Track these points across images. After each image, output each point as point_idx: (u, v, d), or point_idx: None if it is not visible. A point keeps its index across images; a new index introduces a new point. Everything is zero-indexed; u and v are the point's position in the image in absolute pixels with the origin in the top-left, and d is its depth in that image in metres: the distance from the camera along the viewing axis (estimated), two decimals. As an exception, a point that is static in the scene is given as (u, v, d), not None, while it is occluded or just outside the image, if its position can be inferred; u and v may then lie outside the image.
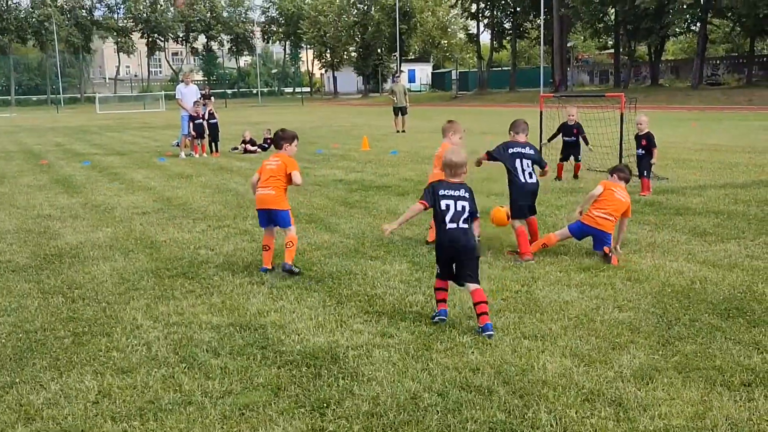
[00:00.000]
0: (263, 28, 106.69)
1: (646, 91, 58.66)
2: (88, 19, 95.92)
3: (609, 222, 7.64)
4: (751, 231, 8.63)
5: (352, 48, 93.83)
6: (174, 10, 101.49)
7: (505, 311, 5.92)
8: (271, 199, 7.38)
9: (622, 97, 13.13)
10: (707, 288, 6.38)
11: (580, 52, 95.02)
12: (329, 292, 6.57)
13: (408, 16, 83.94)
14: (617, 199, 7.70)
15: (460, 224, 5.76)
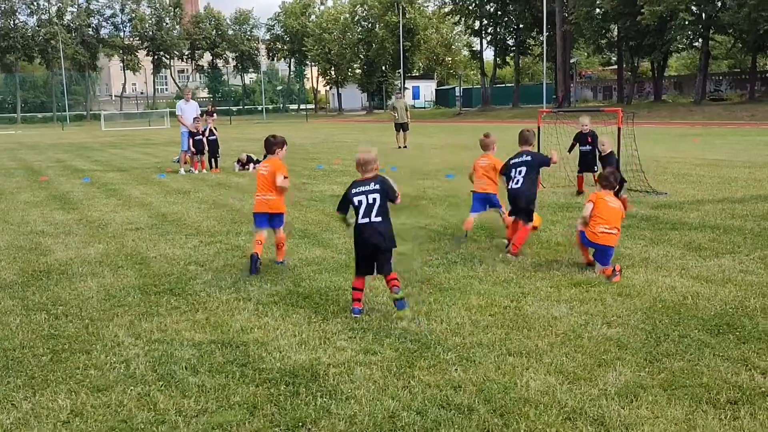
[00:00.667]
0: (268, 46, 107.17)
1: (648, 107, 58.68)
2: (94, 37, 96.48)
3: (612, 236, 7.48)
4: (746, 246, 8.53)
5: (356, 65, 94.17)
6: (179, 28, 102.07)
7: (492, 327, 5.83)
8: (274, 203, 8.02)
9: (619, 112, 13.04)
10: (698, 303, 6.28)
11: (584, 69, 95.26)
12: (316, 308, 6.49)
13: (412, 34, 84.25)
14: (611, 208, 7.54)
15: (372, 218, 6.28)
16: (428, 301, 6.60)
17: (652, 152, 22.08)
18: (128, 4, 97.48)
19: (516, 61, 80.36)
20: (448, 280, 7.34)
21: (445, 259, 8.24)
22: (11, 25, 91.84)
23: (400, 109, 28.91)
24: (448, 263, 8.06)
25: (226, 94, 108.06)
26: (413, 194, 13.88)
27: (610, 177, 7.86)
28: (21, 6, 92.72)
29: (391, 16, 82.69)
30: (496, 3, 76.66)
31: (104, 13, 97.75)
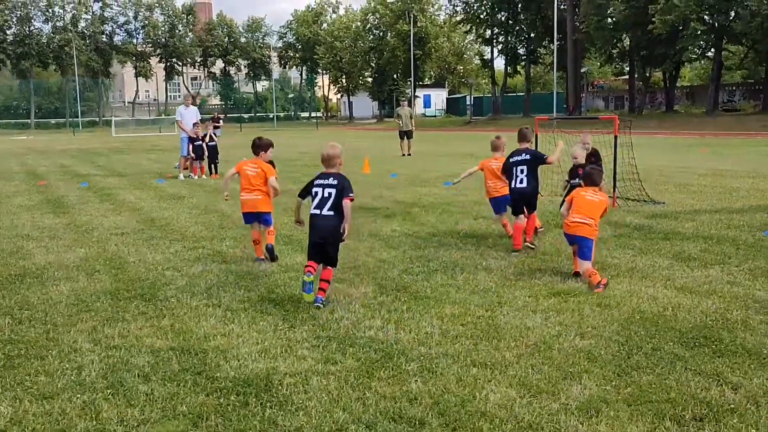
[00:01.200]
0: (280, 53, 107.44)
1: (660, 117, 58.38)
2: (107, 44, 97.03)
3: (586, 226, 7.30)
4: (738, 256, 8.31)
5: (367, 73, 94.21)
6: (192, 35, 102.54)
7: (461, 337, 5.64)
8: (260, 203, 8.43)
9: (615, 120, 12.83)
10: (678, 315, 6.08)
11: (596, 78, 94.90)
12: (285, 315, 6.33)
13: (423, 42, 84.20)
14: (589, 201, 7.41)
15: (323, 211, 6.64)
16: (401, 309, 6.42)
17: (657, 162, 21.88)
18: (141, 11, 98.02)
19: (527, 70, 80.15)
20: (426, 288, 7.16)
21: (426, 267, 8.07)
22: (27, 31, 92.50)
23: (404, 116, 28.78)
24: (429, 271, 7.89)
25: (238, 102, 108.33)
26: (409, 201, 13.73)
27: (593, 175, 7.69)
28: (36, 13, 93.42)
29: (402, 24, 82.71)
30: (507, 12, 76.58)
31: (118, 20, 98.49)
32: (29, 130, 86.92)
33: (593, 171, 7.78)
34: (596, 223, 7.41)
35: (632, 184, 13.56)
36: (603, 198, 7.58)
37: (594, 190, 7.60)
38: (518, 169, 8.96)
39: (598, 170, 7.88)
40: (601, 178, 7.76)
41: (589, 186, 7.65)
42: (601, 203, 7.49)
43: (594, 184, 7.64)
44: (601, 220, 7.58)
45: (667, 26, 51.63)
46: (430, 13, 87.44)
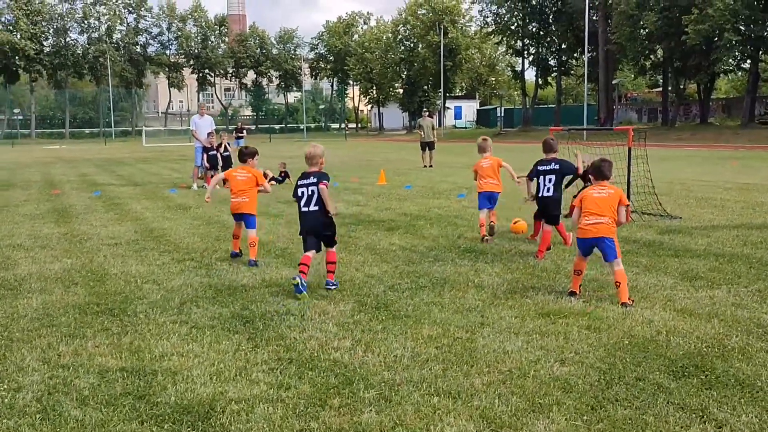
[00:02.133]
0: (311, 65, 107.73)
1: (693, 129, 57.28)
2: (141, 55, 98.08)
3: (602, 225, 6.88)
4: (749, 276, 7.79)
5: (397, 84, 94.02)
6: (224, 46, 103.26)
7: (432, 361, 5.24)
8: (245, 205, 9.11)
9: (630, 132, 12.33)
10: (672, 341, 5.61)
11: (630, 90, 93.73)
12: (252, 334, 5.98)
13: (453, 53, 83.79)
14: (597, 198, 6.97)
15: (311, 207, 7.41)
16: (376, 329, 6.04)
17: (682, 175, 21.27)
18: (175, 22, 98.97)
19: (558, 82, 79.31)
20: (408, 306, 6.77)
21: (415, 284, 7.67)
22: (63, 43, 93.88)
23: (426, 127, 28.39)
24: (416, 288, 7.49)
25: (269, 113, 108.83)
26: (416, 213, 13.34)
27: (603, 168, 7.17)
28: (72, 25, 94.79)
29: (433, 35, 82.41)
30: (538, 23, 75.93)
31: (152, 31, 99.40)
32: (63, 139, 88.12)
33: (603, 163, 7.23)
34: (613, 220, 6.94)
35: (649, 198, 13.00)
36: (612, 191, 7.02)
37: (602, 185, 7.10)
38: (546, 178, 9.16)
39: (608, 162, 7.31)
40: (611, 171, 7.23)
41: (599, 180, 7.15)
42: (612, 197, 6.96)
43: (604, 178, 7.13)
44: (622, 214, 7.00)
45: (700, 37, 50.63)
46: (461, 24, 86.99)
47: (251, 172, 9.28)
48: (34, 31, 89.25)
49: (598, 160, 7.46)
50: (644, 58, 62.91)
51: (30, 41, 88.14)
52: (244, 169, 9.35)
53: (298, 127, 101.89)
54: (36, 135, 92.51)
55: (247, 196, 9.15)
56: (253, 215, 9.16)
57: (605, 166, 7.22)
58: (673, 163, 28.20)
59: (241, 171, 9.35)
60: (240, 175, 9.28)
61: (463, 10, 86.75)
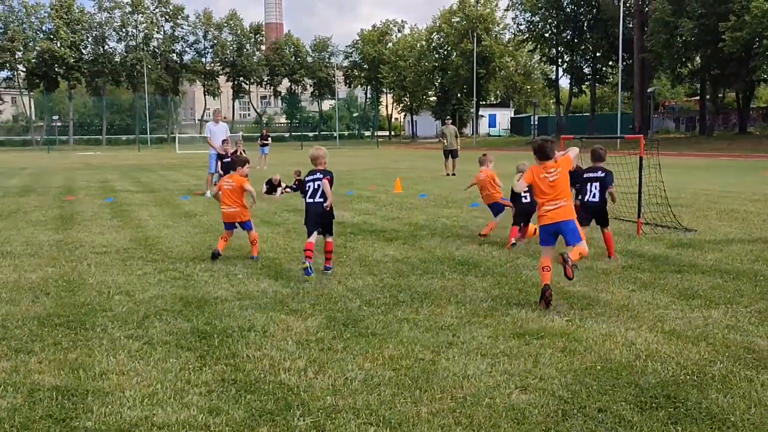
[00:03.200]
0: (346, 73, 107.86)
1: (731, 139, 56.05)
2: (177, 62, 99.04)
3: (562, 209, 6.96)
4: (752, 295, 7.28)
5: (430, 92, 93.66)
6: (259, 54, 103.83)
7: (384, 386, 4.87)
8: (236, 214, 9.53)
9: (641, 140, 11.83)
10: (649, 366, 5.17)
11: (668, 99, 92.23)
12: (205, 352, 5.66)
13: (487, 61, 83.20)
14: (551, 183, 7.00)
15: (316, 198, 8.52)
16: (336, 348, 5.69)
17: (709, 186, 20.62)
18: (211, 30, 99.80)
19: (592, 90, 78.21)
20: (379, 323, 6.40)
21: (394, 298, 7.30)
22: (101, 51, 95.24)
23: (449, 135, 28.06)
24: (394, 303, 7.12)
25: (303, 120, 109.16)
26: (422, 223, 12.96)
27: (545, 148, 7.16)
28: (111, 33, 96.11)
29: (466, 43, 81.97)
30: (572, 30, 75.02)
31: (188, 39, 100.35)
32: (100, 146, 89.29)
33: (545, 143, 7.22)
34: (570, 200, 7.09)
35: (665, 209, 12.48)
36: (560, 168, 7.00)
37: (547, 166, 7.06)
38: (593, 185, 9.54)
39: (549, 141, 7.28)
40: (553, 151, 7.18)
41: (543, 160, 7.13)
42: (563, 175, 6.98)
43: (547, 158, 7.12)
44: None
45: (738, 44, 49.48)
46: (495, 32, 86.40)
47: (235, 180, 9.60)
48: (74, 40, 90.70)
49: (539, 139, 7.47)
50: (680, 66, 61.69)
51: (69, 49, 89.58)
52: (232, 178, 9.70)
53: (331, 134, 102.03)
54: (74, 141, 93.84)
55: (236, 204, 9.55)
56: (247, 221, 9.64)
57: (547, 146, 7.18)
58: (704, 173, 27.44)
59: (229, 180, 9.71)
60: (227, 184, 9.67)
61: (497, 17, 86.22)
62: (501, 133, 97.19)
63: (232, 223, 9.64)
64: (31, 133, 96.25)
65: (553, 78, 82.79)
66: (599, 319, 6.44)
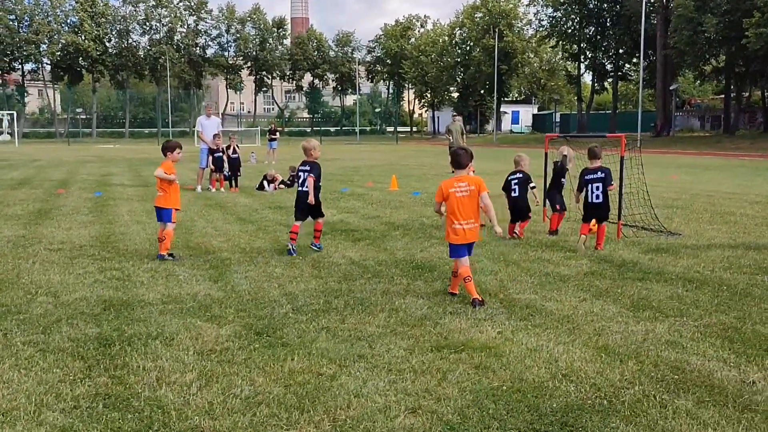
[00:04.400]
0: (368, 68, 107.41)
1: (755, 138, 54.86)
2: (200, 56, 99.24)
3: (476, 230, 7.00)
4: (708, 307, 6.79)
5: (452, 88, 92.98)
6: (282, 48, 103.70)
7: (263, 405, 4.49)
8: (158, 199, 9.45)
9: (622, 139, 11.31)
10: (561, 388, 4.73)
11: (694, 97, 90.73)
12: (97, 362, 5.31)
13: (509, 57, 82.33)
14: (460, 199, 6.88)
15: (303, 188, 9.53)
16: (237, 361, 5.31)
17: (717, 187, 20.02)
18: (234, 24, 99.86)
19: (614, 87, 77.07)
20: (295, 332, 6.02)
21: (327, 305, 6.92)
22: (125, 44, 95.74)
23: (455, 132, 27.51)
24: (324, 310, 6.73)
25: (325, 115, 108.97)
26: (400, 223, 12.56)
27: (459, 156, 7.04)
28: (135, 26, 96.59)
29: (488, 39, 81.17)
30: (595, 26, 73.93)
31: (211, 33, 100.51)
32: (122, 139, 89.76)
33: (459, 151, 7.09)
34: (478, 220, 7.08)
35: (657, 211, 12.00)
36: (473, 187, 6.88)
37: (460, 179, 6.93)
38: (594, 185, 9.92)
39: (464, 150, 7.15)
40: (468, 159, 7.07)
41: (457, 169, 7.04)
42: (473, 194, 6.88)
43: (460, 167, 7.03)
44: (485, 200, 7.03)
45: (762, 41, 48.29)
46: (518, 27, 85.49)
47: (162, 166, 9.35)
48: (98, 33, 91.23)
49: (455, 148, 7.35)
50: (704, 63, 60.48)
51: (94, 42, 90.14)
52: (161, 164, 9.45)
53: (353, 129, 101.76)
54: (97, 134, 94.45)
55: (161, 190, 9.38)
56: (167, 209, 9.33)
57: (462, 155, 7.04)
58: (716, 173, 26.71)
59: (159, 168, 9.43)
60: (156, 171, 9.45)
61: (520, 13, 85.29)
62: (523, 129, 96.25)
63: (156, 209, 9.54)
64: (55, 126, 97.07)
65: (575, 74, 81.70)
66: (534, 332, 6.01)
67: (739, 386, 4.75)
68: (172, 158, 9.52)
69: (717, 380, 4.86)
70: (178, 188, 9.57)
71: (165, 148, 9.67)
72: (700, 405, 4.44)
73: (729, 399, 4.53)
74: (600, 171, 9.93)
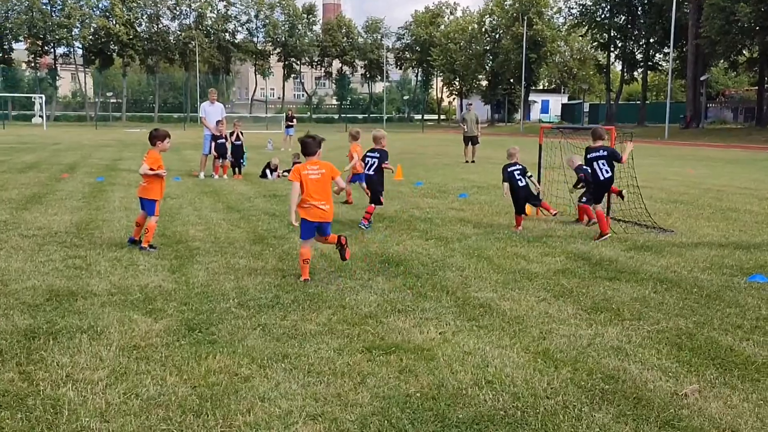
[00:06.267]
0: (397, 55, 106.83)
1: (786, 131, 53.56)
2: (229, 42, 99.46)
3: (328, 211, 7.50)
4: (670, 311, 6.48)
5: (481, 76, 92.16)
6: (311, 34, 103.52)
7: (161, 408, 4.31)
8: (141, 189, 9.25)
9: (612, 131, 10.96)
10: (480, 396, 4.49)
11: (728, 88, 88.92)
12: (14, 356, 5.17)
13: (538, 46, 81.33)
14: (314, 181, 7.37)
15: (371, 171, 10.91)
16: (159, 358, 5.13)
17: (729, 181, 19.46)
18: (263, 9, 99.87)
19: (644, 77, 75.78)
20: (231, 328, 5.84)
21: (275, 301, 6.70)
22: (155, 29, 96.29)
23: (470, 121, 27.21)
24: (270, 305, 6.53)
25: (354, 102, 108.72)
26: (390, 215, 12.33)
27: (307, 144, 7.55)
28: (165, 11, 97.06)
29: (518, 27, 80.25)
30: (626, 15, 72.66)
31: (240, 18, 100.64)
32: (151, 123, 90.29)
33: (306, 141, 7.57)
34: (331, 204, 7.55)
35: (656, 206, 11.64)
36: (324, 170, 7.46)
37: (312, 162, 7.47)
38: (599, 162, 10.13)
39: (312, 138, 7.66)
40: (316, 147, 7.55)
41: (305, 156, 7.59)
42: (325, 177, 7.45)
43: (309, 154, 7.54)
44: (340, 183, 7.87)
45: (795, 31, 47.05)
46: (548, 15, 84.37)
47: (149, 158, 9.11)
48: (129, 17, 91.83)
49: (304, 135, 7.79)
50: (736, 54, 59.14)
51: (124, 27, 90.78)
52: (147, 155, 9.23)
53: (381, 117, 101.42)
54: (126, 118, 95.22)
55: (145, 180, 9.15)
56: (150, 200, 9.11)
57: (310, 142, 7.53)
58: (736, 167, 26.08)
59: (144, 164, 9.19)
60: (141, 168, 9.22)
61: (550, 1, 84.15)
62: (552, 119, 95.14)
63: (139, 199, 9.33)
64: (86, 109, 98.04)
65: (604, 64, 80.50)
66: (476, 333, 5.76)
67: (668, 399, 4.47)
68: (160, 148, 9.24)
69: (648, 391, 4.58)
70: (163, 179, 9.32)
71: (154, 137, 9.29)
72: (619, 419, 4.17)
73: (653, 412, 4.26)
74: (602, 149, 10.21)
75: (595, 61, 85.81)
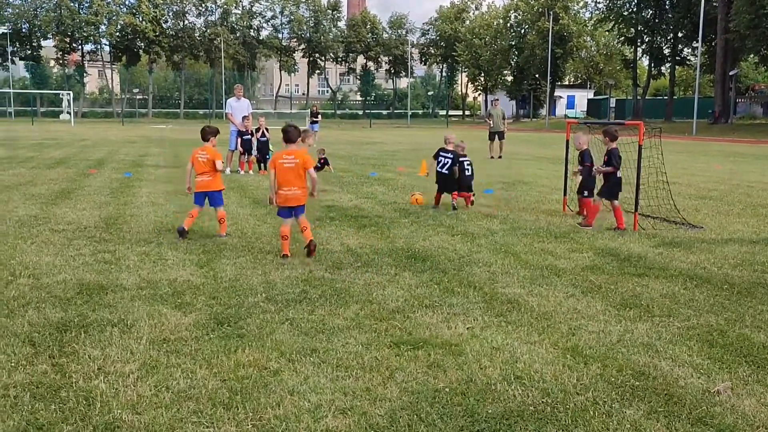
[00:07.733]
0: (422, 51, 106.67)
1: (817, 126, 52.77)
2: (254, 38, 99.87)
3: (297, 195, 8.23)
4: (701, 308, 6.41)
5: (506, 71, 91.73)
6: (335, 30, 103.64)
7: (192, 401, 4.34)
8: (210, 183, 9.51)
9: (641, 126, 10.86)
10: (509, 391, 4.47)
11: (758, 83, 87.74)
12: (46, 348, 5.23)
13: (564, 41, 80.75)
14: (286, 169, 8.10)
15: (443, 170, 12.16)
16: (189, 351, 5.17)
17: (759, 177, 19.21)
18: (288, 5, 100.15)
19: (671, 72, 74.92)
20: (259, 322, 5.85)
21: (303, 295, 6.73)
22: (181, 25, 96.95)
23: (496, 116, 27.14)
24: (298, 300, 6.55)
25: (378, 98, 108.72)
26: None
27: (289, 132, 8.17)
28: (191, 8, 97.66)
29: (543, 22, 79.73)
30: (653, 9, 71.87)
31: (265, 15, 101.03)
32: (177, 119, 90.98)
33: (289, 128, 8.20)
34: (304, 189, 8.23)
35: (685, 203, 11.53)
36: (298, 160, 8.05)
37: (289, 152, 8.09)
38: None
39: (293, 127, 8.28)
40: (297, 135, 8.19)
41: (286, 142, 8.20)
42: (298, 166, 8.07)
43: (289, 141, 8.19)
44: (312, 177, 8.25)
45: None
46: (574, 10, 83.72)
47: (209, 152, 9.49)
48: (155, 14, 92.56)
49: (286, 125, 8.37)
50: (767, 48, 58.31)
51: (150, 23, 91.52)
52: (205, 149, 9.54)
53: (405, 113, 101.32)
54: (152, 114, 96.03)
55: (210, 174, 9.49)
56: (219, 191, 9.60)
57: (291, 131, 8.22)
58: (765, 163, 25.71)
59: (202, 152, 9.52)
60: (201, 156, 9.51)
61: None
62: (578, 114, 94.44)
63: (202, 193, 9.52)
64: (113, 106, 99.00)
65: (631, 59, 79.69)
66: (505, 329, 5.73)
67: (700, 396, 4.42)
68: (213, 143, 9.70)
69: (679, 388, 4.54)
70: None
71: (207, 132, 9.75)
72: (650, 415, 4.14)
73: (684, 409, 4.22)
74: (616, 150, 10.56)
75: (621, 56, 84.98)
